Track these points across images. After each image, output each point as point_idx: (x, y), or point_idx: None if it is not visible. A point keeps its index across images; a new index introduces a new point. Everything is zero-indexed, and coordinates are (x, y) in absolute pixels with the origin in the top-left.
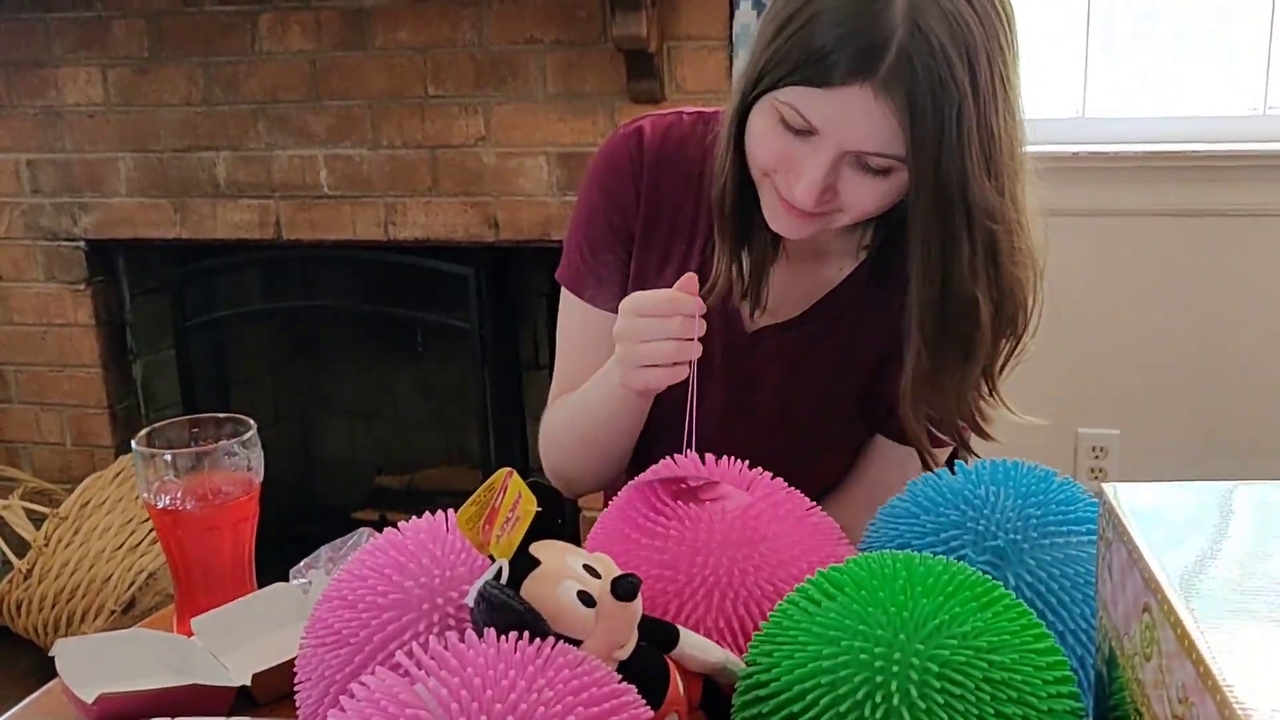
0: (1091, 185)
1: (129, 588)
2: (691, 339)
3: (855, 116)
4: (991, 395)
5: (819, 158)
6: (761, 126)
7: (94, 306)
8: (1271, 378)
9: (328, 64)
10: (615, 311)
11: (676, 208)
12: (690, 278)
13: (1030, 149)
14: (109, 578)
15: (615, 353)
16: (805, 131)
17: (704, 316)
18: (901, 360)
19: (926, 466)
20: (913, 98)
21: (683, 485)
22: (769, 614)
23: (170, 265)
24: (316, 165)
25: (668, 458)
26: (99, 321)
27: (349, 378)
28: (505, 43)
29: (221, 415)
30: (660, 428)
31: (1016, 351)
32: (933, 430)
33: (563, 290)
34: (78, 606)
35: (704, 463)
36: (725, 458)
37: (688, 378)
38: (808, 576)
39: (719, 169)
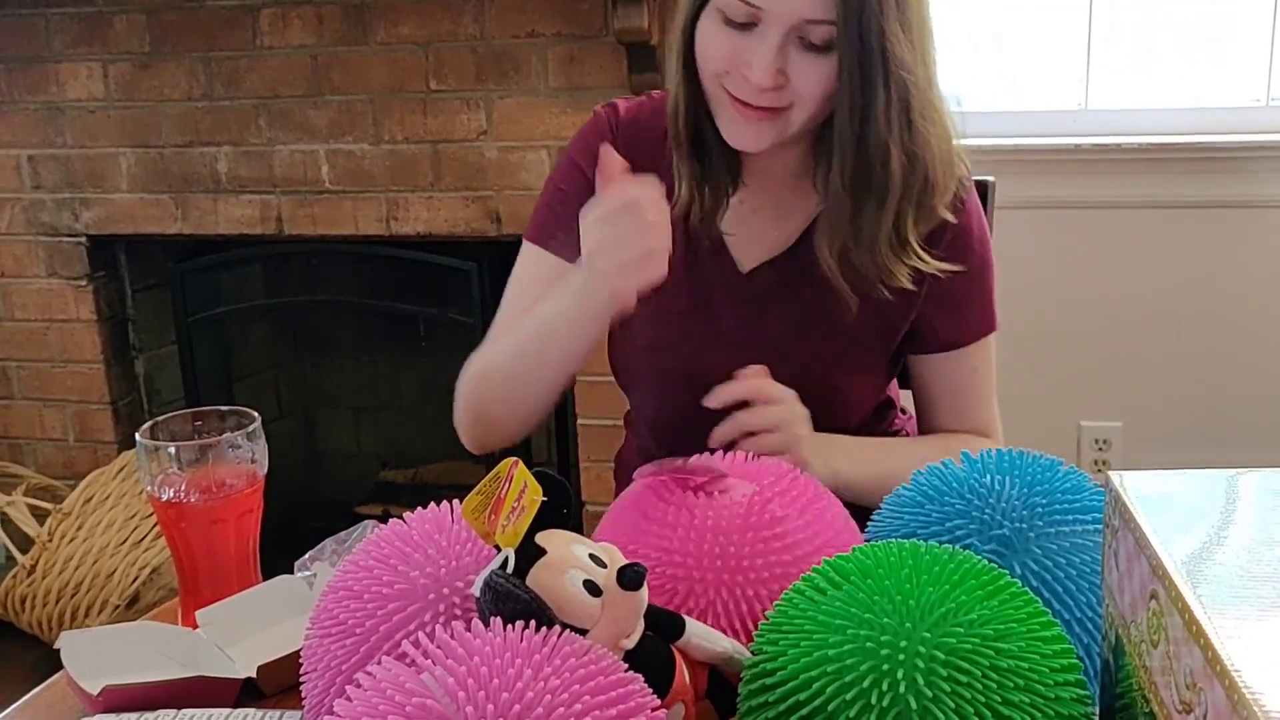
0: (1094, 177)
1: (133, 583)
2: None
3: None
4: (904, 250)
5: (768, 39)
6: (707, 31)
7: (96, 302)
8: (1274, 369)
9: (329, 59)
10: (575, 261)
11: (652, 172)
12: (609, 153)
13: (1033, 141)
14: (113, 573)
15: (587, 237)
16: (749, 24)
17: (696, 264)
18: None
19: (847, 309)
20: None
21: (692, 477)
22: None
23: (172, 261)
24: (318, 160)
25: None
26: (101, 317)
27: (352, 372)
28: (507, 36)
29: (225, 408)
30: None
31: (927, 212)
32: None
33: (522, 248)
34: (82, 602)
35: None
36: (732, 451)
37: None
38: (814, 565)
39: (672, 96)
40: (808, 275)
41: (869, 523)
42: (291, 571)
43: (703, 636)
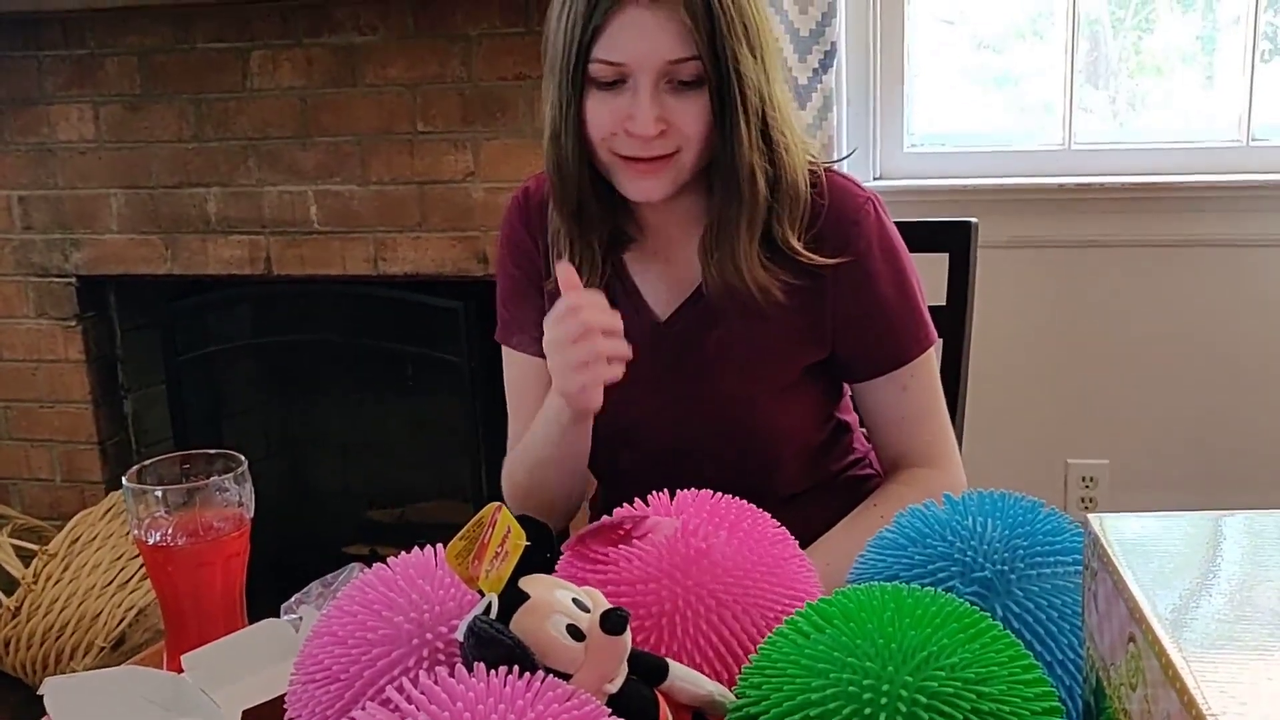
0: (1078, 216)
1: (119, 624)
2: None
3: (647, 32)
4: (778, 259)
5: (640, 90)
6: (589, 107)
7: (85, 342)
8: (1258, 406)
9: (318, 100)
10: (541, 355)
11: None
12: (567, 269)
13: (1017, 181)
14: (98, 614)
15: (547, 352)
16: (619, 81)
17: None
18: (808, 295)
19: (759, 340)
20: None
21: (616, 533)
22: (729, 630)
23: (161, 301)
24: (306, 201)
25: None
26: (89, 357)
27: (340, 412)
28: (494, 79)
29: (213, 451)
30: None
31: (792, 224)
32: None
33: (502, 350)
34: (66, 644)
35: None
36: (652, 493)
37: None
38: (747, 587)
39: (553, 173)
40: (717, 313)
41: (853, 565)
42: (278, 613)
43: (686, 680)
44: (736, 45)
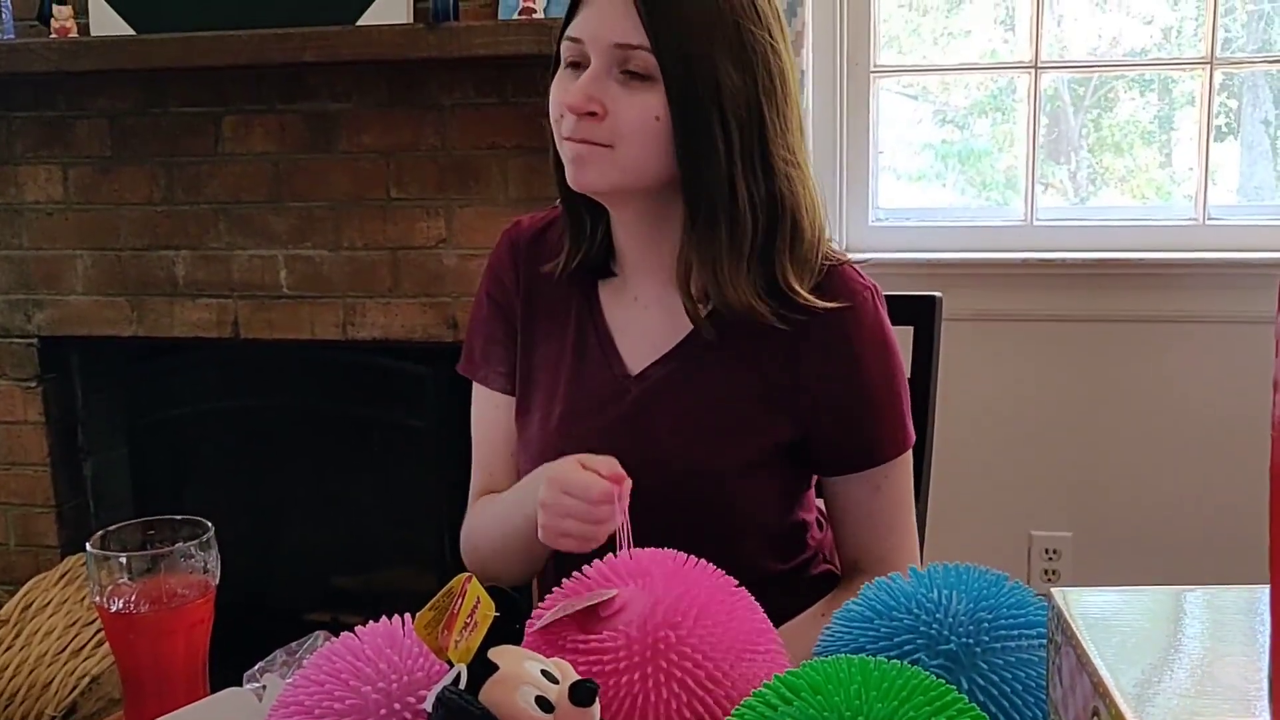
0: (1040, 291)
1: (70, 693)
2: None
3: (603, 11)
4: (778, 298)
5: (589, 69)
6: (554, 86)
7: (44, 404)
8: (1218, 480)
9: (291, 166)
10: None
11: (552, 285)
12: (613, 464)
13: (980, 256)
14: (50, 683)
15: (539, 506)
16: (581, 64)
17: (584, 368)
18: (782, 373)
19: (733, 406)
20: None
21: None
22: (701, 705)
23: (125, 363)
24: (276, 265)
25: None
26: (49, 419)
27: (305, 477)
28: (468, 148)
29: (178, 517)
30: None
31: (804, 252)
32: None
33: (473, 385)
34: (15, 713)
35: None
36: (621, 550)
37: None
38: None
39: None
40: (693, 373)
41: (820, 638)
42: (239, 681)
43: None
44: (714, 53)
